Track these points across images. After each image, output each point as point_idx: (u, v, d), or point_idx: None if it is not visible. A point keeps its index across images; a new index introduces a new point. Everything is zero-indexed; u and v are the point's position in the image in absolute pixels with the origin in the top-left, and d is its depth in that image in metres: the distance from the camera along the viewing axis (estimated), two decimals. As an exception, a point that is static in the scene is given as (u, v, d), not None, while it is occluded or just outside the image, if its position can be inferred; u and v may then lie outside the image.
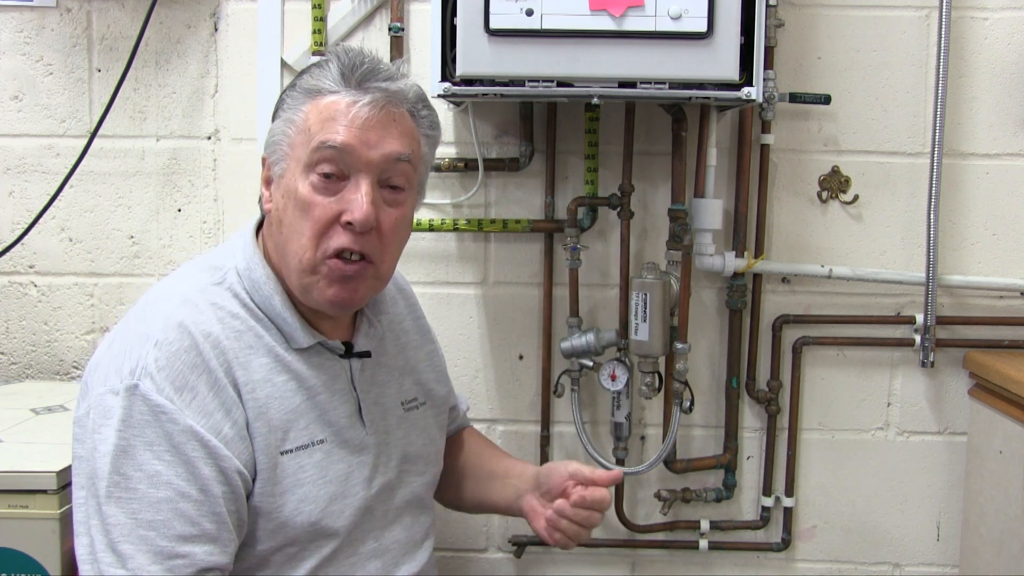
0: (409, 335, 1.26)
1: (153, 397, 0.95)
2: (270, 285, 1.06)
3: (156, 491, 0.94)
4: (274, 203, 1.07)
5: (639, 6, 1.29)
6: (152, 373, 0.96)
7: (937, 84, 1.57)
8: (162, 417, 0.95)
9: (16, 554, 1.22)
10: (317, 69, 1.06)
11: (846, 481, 1.71)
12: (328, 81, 1.04)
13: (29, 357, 1.73)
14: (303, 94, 1.06)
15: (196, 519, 0.95)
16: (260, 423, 1.02)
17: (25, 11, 1.65)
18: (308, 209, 1.02)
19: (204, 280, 1.07)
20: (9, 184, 1.69)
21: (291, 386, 1.05)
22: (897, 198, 1.65)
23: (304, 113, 1.04)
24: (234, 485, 0.98)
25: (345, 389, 1.11)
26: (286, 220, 1.04)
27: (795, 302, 1.68)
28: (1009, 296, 1.66)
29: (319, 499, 1.05)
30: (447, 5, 1.33)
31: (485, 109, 1.63)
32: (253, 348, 1.04)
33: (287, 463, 1.03)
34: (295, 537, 1.04)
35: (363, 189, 1.02)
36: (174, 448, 0.95)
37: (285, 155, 1.05)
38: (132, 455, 0.94)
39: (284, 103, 1.08)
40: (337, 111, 1.03)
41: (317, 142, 1.02)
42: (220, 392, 0.99)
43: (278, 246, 1.07)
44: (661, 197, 1.65)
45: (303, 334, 1.07)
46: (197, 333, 1.00)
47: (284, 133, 1.06)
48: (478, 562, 1.75)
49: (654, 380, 1.57)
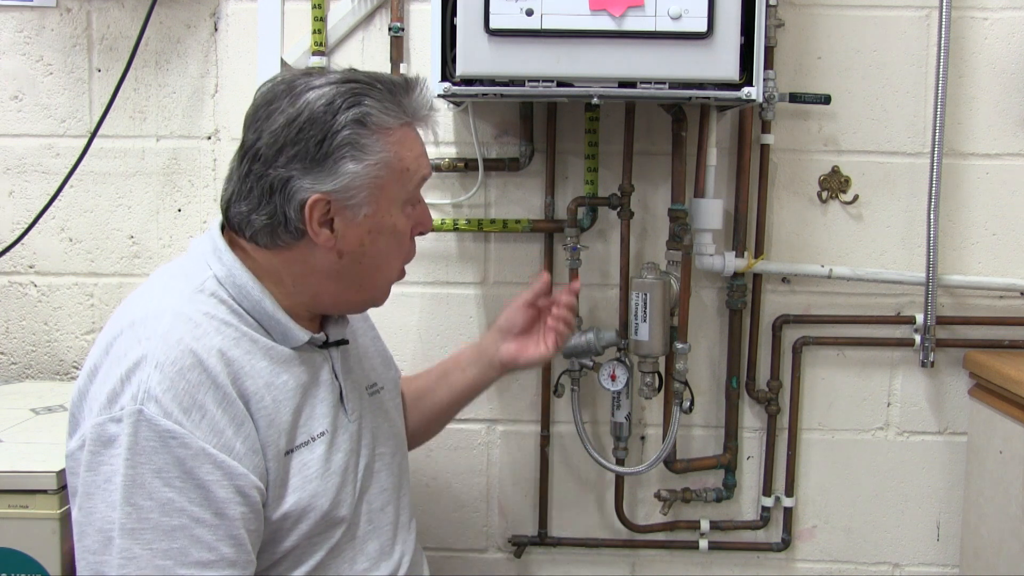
0: (355, 323, 1.26)
1: (160, 422, 0.92)
2: (257, 289, 1.05)
3: (170, 519, 0.91)
4: (348, 242, 1.05)
5: (639, 6, 1.29)
6: (157, 396, 0.92)
7: (937, 84, 1.57)
8: (171, 442, 0.92)
9: (16, 554, 1.22)
10: (375, 102, 1.02)
11: (846, 481, 1.71)
12: (396, 112, 1.04)
13: (29, 357, 1.73)
14: (378, 132, 1.03)
15: (213, 544, 0.93)
16: (271, 432, 1.00)
17: (25, 11, 1.65)
18: (404, 236, 1.10)
19: (186, 290, 1.04)
20: (9, 184, 1.69)
21: (290, 386, 1.05)
22: (897, 198, 1.65)
23: (393, 153, 1.04)
24: (253, 503, 0.97)
25: (329, 379, 1.11)
26: (374, 253, 1.07)
27: (795, 302, 1.68)
28: (1009, 296, 1.66)
29: (328, 491, 1.05)
30: (447, 5, 1.33)
31: (485, 109, 1.63)
32: (251, 354, 1.02)
33: (293, 461, 1.03)
34: (308, 532, 1.04)
35: (423, 201, 1.13)
36: (185, 473, 0.92)
37: (372, 197, 1.04)
38: (142, 484, 0.91)
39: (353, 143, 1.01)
40: (416, 143, 1.09)
41: (419, 178, 1.08)
42: (229, 407, 0.96)
43: (338, 273, 1.07)
44: (661, 197, 1.65)
45: (298, 332, 1.07)
46: (200, 348, 0.96)
47: (373, 176, 1.03)
48: (478, 562, 1.75)
49: (654, 380, 1.57)
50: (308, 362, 1.09)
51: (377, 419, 1.21)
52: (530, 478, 1.73)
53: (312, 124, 1.01)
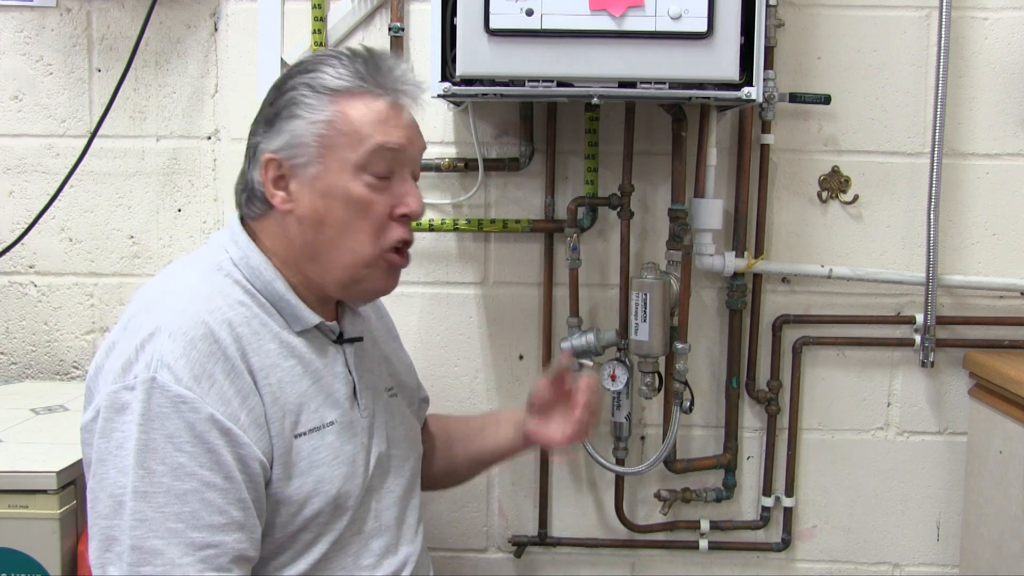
0: (376, 330, 1.30)
1: (172, 388, 0.94)
2: (270, 271, 1.07)
3: (182, 483, 0.93)
4: (300, 203, 1.06)
5: (639, 6, 1.29)
6: (169, 364, 0.95)
7: (937, 84, 1.57)
8: (182, 407, 0.94)
9: (16, 554, 1.22)
10: (332, 67, 1.06)
11: (846, 481, 1.71)
12: (357, 80, 1.06)
13: (29, 357, 1.73)
14: (325, 94, 1.05)
15: (224, 507, 0.95)
16: (275, 408, 1.02)
17: (25, 11, 1.65)
18: (367, 208, 1.06)
19: (203, 270, 1.07)
20: (9, 184, 1.69)
21: (298, 370, 1.06)
22: (897, 198, 1.65)
23: (339, 113, 1.05)
24: (253, 472, 0.98)
25: (342, 372, 1.13)
26: (331, 220, 1.06)
27: (795, 302, 1.68)
28: (1009, 296, 1.66)
29: (335, 479, 1.06)
30: (447, 5, 1.33)
31: (485, 109, 1.63)
32: (260, 334, 1.04)
33: (301, 446, 1.04)
34: (312, 518, 1.04)
35: (411, 183, 1.10)
36: (196, 438, 0.94)
37: (319, 155, 1.05)
38: (154, 448, 0.93)
39: (300, 103, 1.06)
40: (387, 113, 1.07)
41: (374, 144, 1.05)
42: (237, 379, 0.99)
43: (310, 244, 1.07)
44: (661, 197, 1.65)
45: (308, 314, 1.09)
46: (212, 321, 0.99)
47: (316, 134, 1.05)
48: (478, 562, 1.75)
49: (654, 380, 1.57)
50: (320, 352, 1.11)
51: (393, 420, 1.22)
52: (530, 478, 1.73)
53: (272, 90, 1.10)
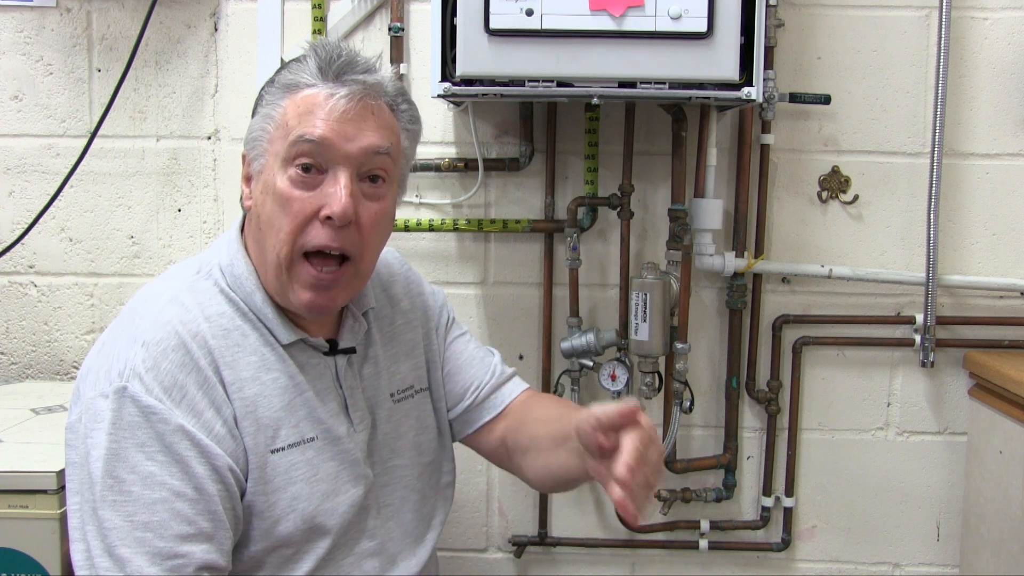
0: (406, 316, 1.22)
1: (142, 398, 0.95)
2: (252, 281, 1.06)
3: (151, 492, 0.94)
4: (254, 199, 1.06)
5: (639, 6, 1.29)
6: (140, 374, 0.96)
7: (937, 84, 1.57)
8: (152, 418, 0.95)
9: (16, 554, 1.22)
10: (295, 64, 1.05)
11: (846, 481, 1.71)
12: (305, 75, 1.03)
13: (29, 357, 1.73)
14: (281, 89, 1.04)
15: (192, 518, 0.95)
16: (248, 422, 1.01)
17: (25, 11, 1.65)
18: (287, 203, 1.00)
19: (189, 277, 1.07)
20: (9, 184, 1.69)
21: (280, 384, 1.05)
22: (897, 198, 1.65)
23: (282, 108, 1.03)
24: (228, 483, 0.98)
25: (330, 387, 1.10)
26: (264, 216, 1.03)
27: (795, 302, 1.68)
28: (1009, 296, 1.66)
29: (312, 497, 1.04)
30: (447, 5, 1.33)
31: (485, 109, 1.63)
32: (240, 346, 1.03)
33: (278, 461, 1.03)
34: (289, 537, 1.04)
35: (341, 182, 1.00)
36: (166, 448, 0.95)
37: (264, 151, 1.04)
38: (124, 458, 0.94)
39: (263, 99, 1.07)
40: (315, 104, 1.01)
41: (295, 136, 1.00)
42: (209, 390, 0.99)
43: (257, 243, 1.06)
44: (661, 197, 1.65)
45: (284, 330, 1.06)
46: (184, 332, 0.99)
47: (263, 128, 1.04)
48: (478, 562, 1.75)
49: (654, 380, 1.57)
50: (306, 365, 1.08)
51: (400, 428, 1.18)
52: (530, 478, 1.73)
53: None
